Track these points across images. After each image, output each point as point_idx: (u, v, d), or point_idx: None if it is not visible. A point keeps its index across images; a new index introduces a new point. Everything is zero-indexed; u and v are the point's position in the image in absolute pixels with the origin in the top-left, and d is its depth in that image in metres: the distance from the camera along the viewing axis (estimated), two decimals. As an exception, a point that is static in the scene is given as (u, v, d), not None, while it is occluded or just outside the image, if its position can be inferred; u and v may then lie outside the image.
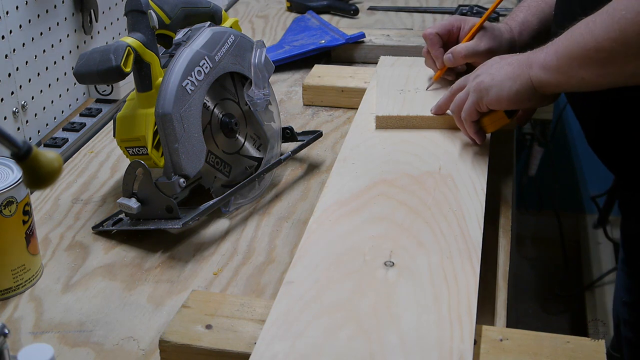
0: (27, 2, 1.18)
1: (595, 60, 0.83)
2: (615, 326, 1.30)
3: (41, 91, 1.25)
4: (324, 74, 1.37)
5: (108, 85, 1.38)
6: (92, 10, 1.35)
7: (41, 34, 1.23)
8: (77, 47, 1.34)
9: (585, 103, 1.02)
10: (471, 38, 1.15)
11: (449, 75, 1.19)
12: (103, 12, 1.40)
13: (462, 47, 1.14)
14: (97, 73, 0.94)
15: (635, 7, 0.78)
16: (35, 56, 1.22)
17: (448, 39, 1.18)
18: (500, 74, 0.96)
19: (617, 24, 0.80)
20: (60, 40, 1.29)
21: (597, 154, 1.06)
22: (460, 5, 1.77)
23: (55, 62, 1.28)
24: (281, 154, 1.09)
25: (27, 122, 1.21)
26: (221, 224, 1.02)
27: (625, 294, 1.18)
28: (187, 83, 0.95)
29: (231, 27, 1.08)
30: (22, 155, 0.63)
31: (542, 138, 2.57)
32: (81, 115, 1.33)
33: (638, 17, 0.77)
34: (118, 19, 1.46)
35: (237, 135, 1.06)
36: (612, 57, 0.82)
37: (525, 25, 1.18)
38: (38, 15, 1.21)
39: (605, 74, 0.84)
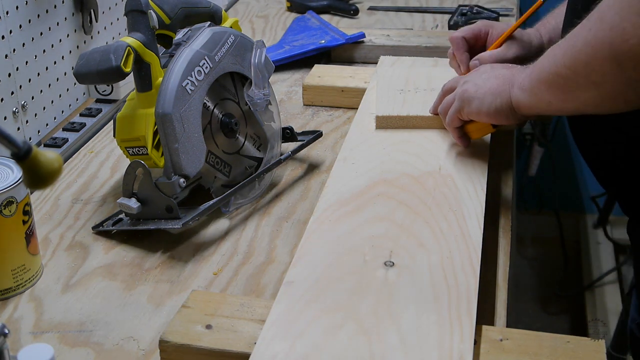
0: (27, 2, 1.18)
1: (556, 85, 0.83)
2: (623, 330, 1.30)
3: (41, 91, 1.25)
4: (324, 74, 1.37)
5: (108, 85, 1.38)
6: (92, 10, 1.35)
7: (41, 34, 1.23)
8: (77, 47, 1.34)
9: (584, 132, 1.02)
10: (500, 45, 1.14)
11: None
12: (103, 12, 1.40)
13: (490, 54, 1.12)
14: (97, 73, 0.94)
15: (583, 35, 0.77)
16: (35, 56, 1.22)
17: (475, 44, 1.16)
18: (484, 87, 0.96)
19: (570, 51, 0.79)
20: (60, 40, 1.29)
21: (599, 181, 1.05)
22: (460, 5, 1.77)
23: (55, 62, 1.28)
24: (281, 154, 1.09)
25: (27, 122, 1.21)
26: (221, 224, 1.02)
27: (638, 315, 1.17)
28: (187, 83, 0.95)
29: (231, 27, 1.08)
30: (22, 155, 0.63)
31: (542, 138, 2.57)
32: (81, 115, 1.33)
33: (585, 47, 0.77)
34: (118, 19, 1.46)
35: (237, 135, 1.06)
36: (568, 84, 0.81)
37: (555, 32, 1.16)
38: (38, 15, 1.21)
39: (566, 99, 0.84)
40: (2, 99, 1.14)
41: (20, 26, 1.17)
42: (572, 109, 0.86)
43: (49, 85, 1.27)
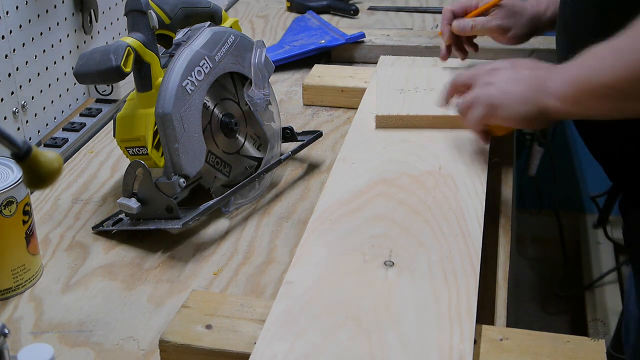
0: (27, 2, 1.18)
1: (607, 96, 0.83)
2: (621, 328, 1.29)
3: (41, 91, 1.25)
4: (324, 74, 1.37)
5: (108, 85, 1.38)
6: (92, 10, 1.35)
7: (41, 34, 1.23)
8: (77, 47, 1.34)
9: (589, 124, 1.02)
10: (480, 14, 1.16)
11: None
12: (103, 12, 1.40)
13: (471, 19, 1.15)
14: (97, 73, 0.94)
15: (636, 47, 0.77)
16: (35, 56, 1.22)
17: (463, 16, 1.21)
18: (511, 93, 0.92)
19: (623, 64, 0.79)
20: (60, 40, 1.29)
21: (601, 165, 1.05)
22: (460, 5, 1.77)
23: (55, 62, 1.28)
24: (281, 154, 1.09)
25: (27, 122, 1.21)
26: (221, 224, 1.02)
27: (635, 306, 1.17)
28: (187, 83, 0.95)
29: (231, 27, 1.08)
30: (22, 155, 0.63)
31: (542, 138, 2.57)
32: (81, 115, 1.33)
33: None
34: (118, 19, 1.46)
35: (237, 135, 1.06)
36: (622, 95, 0.81)
37: (553, 1, 1.16)
38: (38, 15, 1.21)
39: (615, 108, 0.84)
40: (2, 99, 1.14)
41: (20, 26, 1.17)
42: (618, 116, 0.86)
43: (49, 85, 1.27)
